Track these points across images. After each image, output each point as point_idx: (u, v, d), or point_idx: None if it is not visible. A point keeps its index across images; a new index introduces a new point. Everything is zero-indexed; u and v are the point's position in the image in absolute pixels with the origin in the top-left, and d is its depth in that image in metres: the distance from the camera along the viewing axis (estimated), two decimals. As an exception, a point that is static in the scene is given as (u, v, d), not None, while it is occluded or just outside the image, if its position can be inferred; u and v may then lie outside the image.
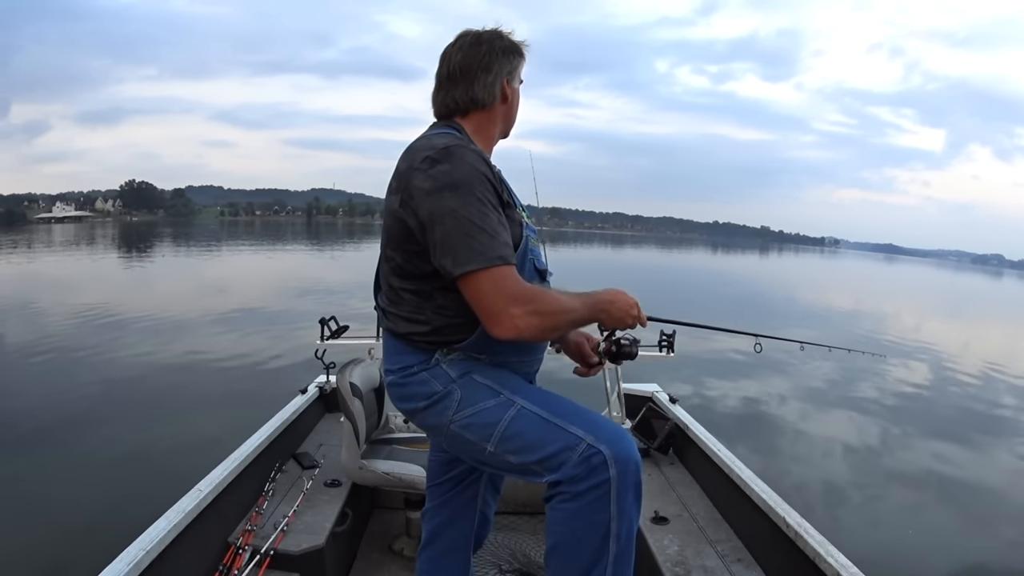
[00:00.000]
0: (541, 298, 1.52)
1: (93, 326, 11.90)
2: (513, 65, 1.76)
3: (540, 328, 1.51)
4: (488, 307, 1.49)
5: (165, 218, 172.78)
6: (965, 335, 20.74)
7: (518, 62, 1.77)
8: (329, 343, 3.46)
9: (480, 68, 1.72)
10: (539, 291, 1.55)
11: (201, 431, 5.88)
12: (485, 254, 1.46)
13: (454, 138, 1.60)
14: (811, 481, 6.17)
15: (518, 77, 1.79)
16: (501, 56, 1.73)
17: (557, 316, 1.55)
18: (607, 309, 1.65)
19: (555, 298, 1.57)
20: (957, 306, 35.56)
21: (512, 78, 1.76)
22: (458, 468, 1.96)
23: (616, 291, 1.68)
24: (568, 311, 1.58)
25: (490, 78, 1.72)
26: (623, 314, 1.66)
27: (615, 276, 33.04)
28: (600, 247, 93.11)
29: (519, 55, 1.78)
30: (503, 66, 1.73)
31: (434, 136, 1.63)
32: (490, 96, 1.73)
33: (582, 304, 1.61)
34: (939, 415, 9.33)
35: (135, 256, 35.18)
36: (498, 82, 1.73)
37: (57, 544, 3.98)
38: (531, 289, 1.53)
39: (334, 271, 28.69)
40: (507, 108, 1.78)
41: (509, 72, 1.75)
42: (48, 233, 70.79)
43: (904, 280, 66.88)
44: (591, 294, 1.64)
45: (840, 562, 2.03)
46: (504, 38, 1.74)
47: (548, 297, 1.55)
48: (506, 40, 1.75)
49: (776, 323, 17.29)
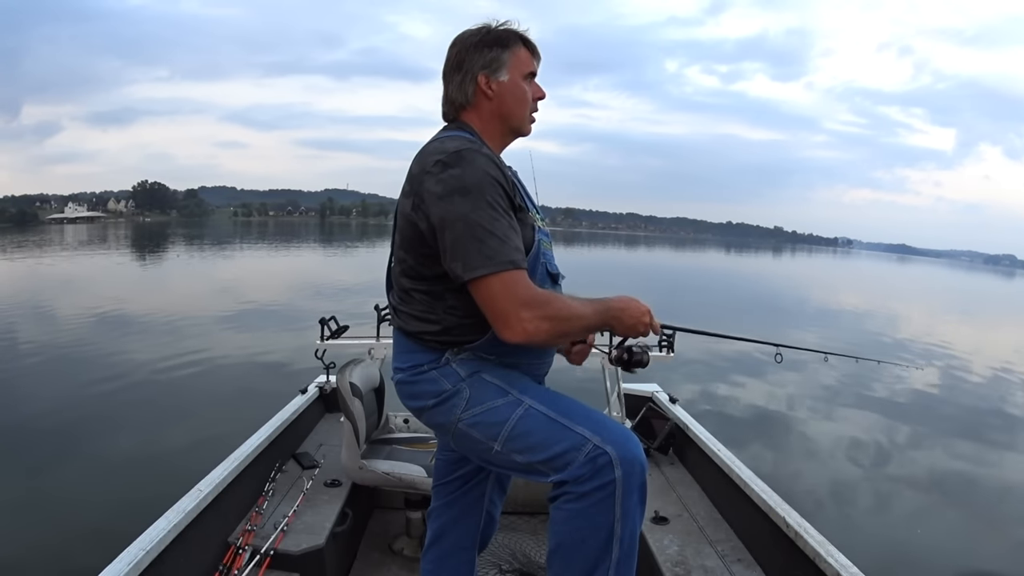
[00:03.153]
0: (552, 303, 1.53)
1: (100, 326, 12.00)
2: (490, 58, 1.68)
3: (550, 333, 1.51)
4: (498, 311, 1.49)
5: (178, 219, 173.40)
6: (980, 336, 20.59)
7: (499, 53, 1.68)
8: (329, 343, 3.46)
9: (453, 68, 1.70)
10: (550, 296, 1.56)
11: (201, 431, 5.90)
12: (495, 259, 1.47)
13: (466, 141, 1.59)
14: (818, 481, 6.13)
15: (505, 70, 1.69)
16: (473, 51, 1.68)
17: (568, 321, 1.55)
18: (619, 316, 1.63)
19: (566, 303, 1.57)
20: (972, 307, 35.28)
21: (494, 71, 1.68)
22: (465, 467, 1.96)
23: (628, 298, 1.66)
24: (579, 317, 1.58)
25: (459, 76, 1.69)
26: (635, 321, 1.64)
27: (628, 276, 33.05)
28: (613, 248, 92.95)
29: (500, 46, 1.68)
30: (475, 61, 1.67)
31: (446, 139, 1.62)
32: (463, 95, 1.70)
33: (593, 310, 1.60)
34: (954, 415, 9.24)
35: (147, 256, 35.41)
36: (469, 79, 1.68)
37: (57, 544, 4.00)
38: (542, 294, 1.53)
39: (344, 271, 28.72)
40: (496, 104, 1.70)
41: (485, 66, 1.68)
42: (60, 234, 71.21)
43: (919, 281, 66.39)
44: (603, 300, 1.64)
45: (840, 562, 2.02)
46: (484, 32, 1.69)
47: (559, 302, 1.55)
48: (487, 33, 1.69)
49: (794, 325, 17.20)
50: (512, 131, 1.77)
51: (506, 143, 1.79)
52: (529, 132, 1.79)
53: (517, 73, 1.70)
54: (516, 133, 1.78)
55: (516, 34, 1.71)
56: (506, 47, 1.69)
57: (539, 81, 1.78)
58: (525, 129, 1.78)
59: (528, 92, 1.73)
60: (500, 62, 1.68)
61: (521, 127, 1.77)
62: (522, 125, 1.76)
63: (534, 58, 1.75)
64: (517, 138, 1.80)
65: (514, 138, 1.79)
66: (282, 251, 44.20)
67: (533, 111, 1.77)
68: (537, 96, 1.77)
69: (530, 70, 1.73)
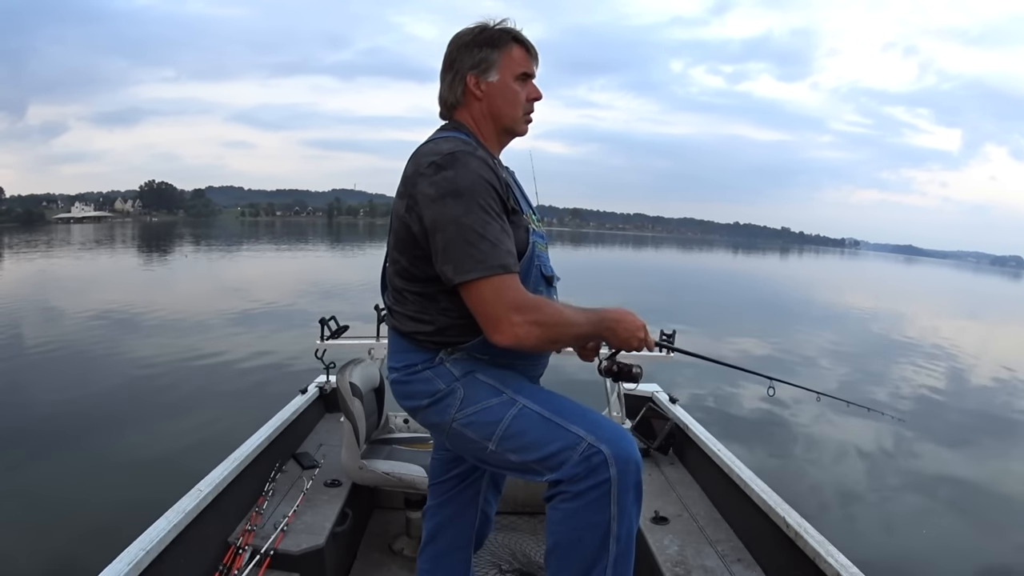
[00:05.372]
0: (543, 308, 1.53)
1: (102, 325, 12.05)
2: (479, 58, 1.67)
3: (540, 338, 1.51)
4: (488, 315, 1.50)
5: (185, 218, 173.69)
6: (987, 337, 20.54)
7: (488, 54, 1.67)
8: (329, 343, 3.47)
9: (445, 67, 1.70)
10: (542, 301, 1.56)
11: (201, 431, 5.93)
12: (486, 262, 1.47)
13: (460, 143, 1.59)
14: (818, 481, 6.14)
15: (495, 71, 1.68)
16: (464, 51, 1.67)
17: (558, 328, 1.55)
18: (612, 328, 1.62)
19: (558, 310, 1.57)
20: (980, 308, 35.12)
21: (483, 72, 1.67)
22: (460, 467, 1.96)
23: (624, 311, 1.65)
24: (571, 324, 1.58)
25: (450, 76, 1.69)
26: (628, 335, 1.62)
27: (639, 277, 33.05)
28: (621, 248, 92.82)
29: (491, 46, 1.67)
30: (465, 61, 1.67)
31: (441, 140, 1.62)
32: (453, 95, 1.70)
33: (586, 319, 1.60)
34: (958, 416, 9.25)
35: (154, 256, 35.53)
36: (458, 79, 1.68)
37: (57, 543, 4.02)
38: (533, 299, 1.53)
39: (347, 272, 28.73)
40: (485, 104, 1.70)
41: (475, 66, 1.67)
42: (67, 233, 71.49)
43: (928, 283, 66.21)
44: (598, 310, 1.63)
45: (840, 562, 2.02)
46: (478, 31, 1.68)
47: (550, 308, 1.56)
48: (480, 33, 1.67)
49: (803, 328, 17.18)
50: (506, 131, 1.75)
51: (503, 143, 1.78)
52: (525, 132, 1.77)
53: (508, 74, 1.69)
54: (511, 133, 1.76)
55: (511, 34, 1.69)
56: (497, 47, 1.67)
57: (545, 81, 1.77)
58: (519, 130, 1.76)
59: (520, 93, 1.71)
60: (490, 62, 1.67)
61: (514, 128, 1.75)
62: (515, 126, 1.74)
63: (531, 58, 1.72)
64: (514, 138, 1.79)
65: (510, 138, 1.78)
66: (287, 251, 44.24)
67: (528, 112, 1.75)
68: (532, 97, 1.74)
69: (524, 71, 1.71)
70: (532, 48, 1.73)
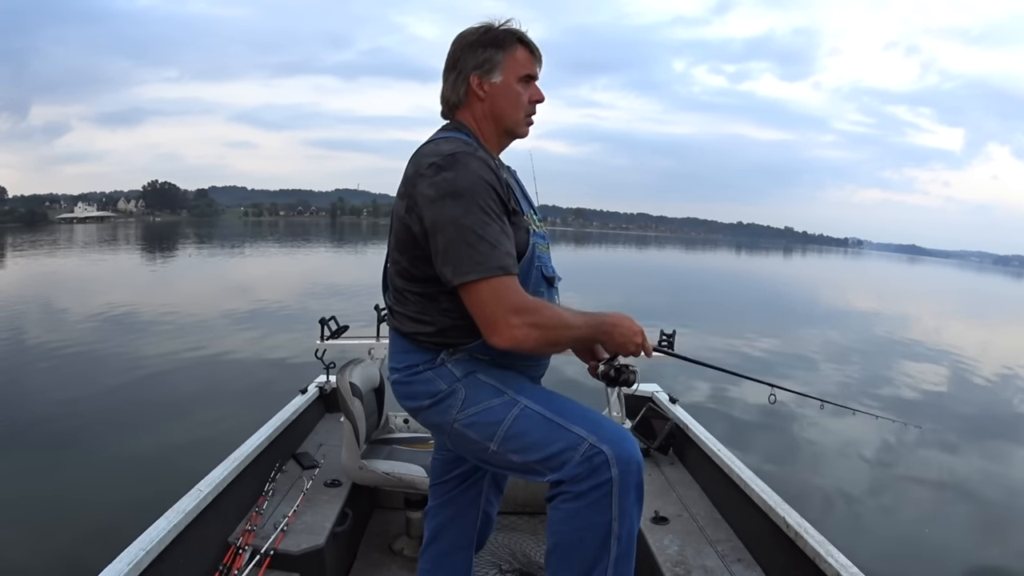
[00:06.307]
0: (541, 311, 1.53)
1: (104, 325, 12.10)
2: (483, 59, 1.66)
3: (538, 340, 1.51)
4: (487, 317, 1.50)
5: (188, 218, 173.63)
6: (990, 337, 20.50)
7: (493, 54, 1.66)
8: (329, 343, 3.47)
9: (448, 66, 1.70)
10: (540, 304, 1.56)
11: (201, 431, 5.93)
12: (485, 264, 1.47)
13: (461, 143, 1.58)
14: (819, 481, 6.12)
15: (499, 71, 1.67)
16: (468, 51, 1.67)
17: (556, 330, 1.55)
18: (610, 332, 1.63)
19: (556, 312, 1.57)
20: (983, 308, 35.10)
21: (486, 72, 1.67)
22: (462, 467, 1.96)
23: (622, 316, 1.65)
24: (569, 327, 1.58)
25: (453, 76, 1.69)
26: (625, 340, 1.63)
27: (643, 277, 33.01)
28: (624, 248, 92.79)
29: (495, 47, 1.66)
30: (468, 61, 1.67)
31: (441, 141, 1.62)
32: (455, 94, 1.70)
33: (585, 323, 1.60)
34: (962, 416, 9.22)
35: (157, 256, 35.55)
36: (461, 79, 1.68)
37: (58, 543, 4.02)
38: (532, 301, 1.53)
39: (349, 272, 28.72)
40: (488, 105, 1.69)
41: (478, 67, 1.66)
42: (70, 233, 71.60)
43: (931, 282, 66.12)
44: (596, 314, 1.63)
45: (840, 562, 2.02)
46: (483, 31, 1.67)
47: (549, 311, 1.55)
48: (484, 33, 1.67)
49: (806, 328, 17.16)
50: (507, 133, 1.75)
51: (504, 144, 1.78)
52: (525, 134, 1.77)
53: (512, 75, 1.68)
54: (511, 135, 1.76)
55: (515, 35, 1.69)
56: (501, 48, 1.67)
57: (547, 80, 1.76)
58: (520, 131, 1.76)
59: (523, 95, 1.70)
60: (494, 63, 1.67)
61: (515, 129, 1.74)
62: (516, 127, 1.74)
63: (534, 60, 1.72)
64: (514, 139, 1.78)
65: (511, 140, 1.78)
66: (290, 251, 44.24)
67: (530, 114, 1.74)
68: (534, 99, 1.74)
69: (527, 72, 1.70)
70: (536, 50, 1.72)
